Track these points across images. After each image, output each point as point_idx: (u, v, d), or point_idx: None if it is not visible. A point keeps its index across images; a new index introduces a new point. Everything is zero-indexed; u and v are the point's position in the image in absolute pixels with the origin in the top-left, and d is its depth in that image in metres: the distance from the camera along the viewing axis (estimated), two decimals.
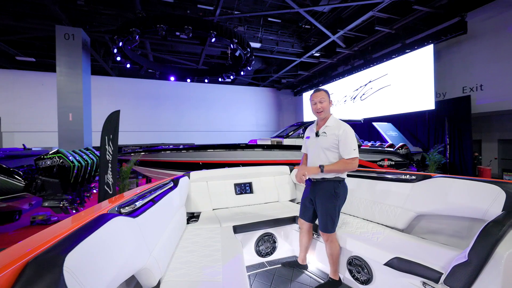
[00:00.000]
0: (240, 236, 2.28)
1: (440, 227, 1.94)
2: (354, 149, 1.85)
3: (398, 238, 1.85)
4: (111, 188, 3.57)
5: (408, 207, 2.05)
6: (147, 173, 5.26)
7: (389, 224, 2.13)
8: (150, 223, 1.40)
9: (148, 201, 1.56)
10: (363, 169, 2.60)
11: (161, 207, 1.66)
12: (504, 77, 7.01)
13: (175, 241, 1.82)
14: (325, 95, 1.97)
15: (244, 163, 4.88)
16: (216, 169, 3.05)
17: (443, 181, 1.91)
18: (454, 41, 7.94)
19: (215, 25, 6.27)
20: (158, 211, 1.57)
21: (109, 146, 3.57)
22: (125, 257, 1.06)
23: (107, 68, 11.23)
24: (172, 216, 1.90)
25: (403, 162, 6.01)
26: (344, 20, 8.17)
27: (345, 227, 2.15)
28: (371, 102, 10.51)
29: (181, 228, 2.07)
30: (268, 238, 2.44)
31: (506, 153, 8.29)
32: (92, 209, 1.29)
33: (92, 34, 8.27)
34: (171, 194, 1.94)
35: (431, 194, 1.94)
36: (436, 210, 1.89)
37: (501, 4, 6.78)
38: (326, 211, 1.93)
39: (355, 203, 2.48)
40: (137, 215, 1.29)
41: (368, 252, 1.78)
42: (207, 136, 14.04)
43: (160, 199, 1.69)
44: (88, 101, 8.27)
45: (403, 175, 2.22)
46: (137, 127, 12.83)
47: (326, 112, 1.98)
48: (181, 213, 2.17)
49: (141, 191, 1.70)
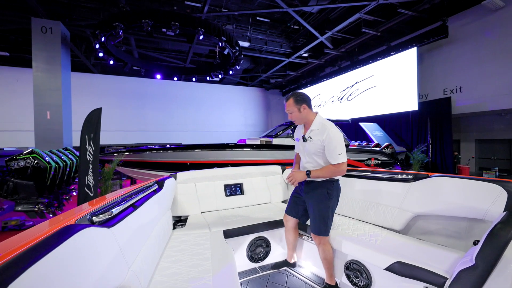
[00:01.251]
0: (231, 241, 2.14)
1: (438, 228, 1.90)
2: (339, 154, 1.76)
3: (397, 240, 1.78)
4: (92, 190, 3.38)
5: (406, 208, 1.99)
6: (131, 174, 5.05)
7: (386, 225, 2.07)
8: (129, 232, 1.24)
9: (128, 207, 1.39)
10: (358, 168, 2.56)
11: (143, 212, 1.50)
12: (482, 80, 7.35)
13: (159, 250, 1.65)
14: (290, 107, 1.91)
15: (233, 163, 4.79)
16: (205, 169, 2.89)
17: (442, 180, 1.85)
18: (436, 44, 8.23)
19: (203, 22, 6.14)
20: (139, 217, 1.41)
21: (90, 146, 3.37)
22: (96, 277, 0.89)
23: (89, 65, 10.75)
24: (156, 222, 1.73)
25: (388, 161, 6.15)
26: (332, 21, 8.27)
27: (341, 228, 2.07)
28: (358, 103, 10.72)
29: (166, 234, 1.90)
30: (261, 242, 2.31)
31: (483, 152, 8.72)
32: (58, 218, 1.09)
33: (72, 28, 7.87)
34: (155, 197, 1.79)
35: (429, 194, 1.88)
36: (435, 210, 1.85)
37: (480, 10, 7.10)
38: (319, 212, 1.87)
39: (349, 204, 2.40)
40: (113, 224, 1.13)
41: (367, 256, 1.71)
42: (195, 135, 13.80)
43: (142, 203, 1.54)
44: (68, 98, 7.87)
45: (399, 174, 2.16)
46: (122, 126, 12.38)
47: (300, 120, 1.93)
48: (167, 218, 2.01)
49: (119, 195, 1.51)
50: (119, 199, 1.41)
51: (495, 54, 7.01)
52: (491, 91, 7.14)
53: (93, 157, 3.38)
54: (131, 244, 1.23)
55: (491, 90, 7.14)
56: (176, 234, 2.06)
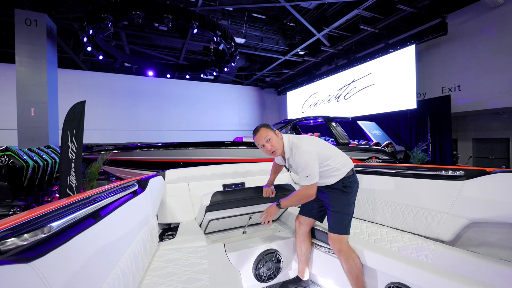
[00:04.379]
0: (234, 256, 1.75)
1: (499, 238, 1.49)
2: (307, 176, 1.57)
3: (453, 256, 1.39)
4: (75, 191, 3.09)
5: (457, 213, 1.59)
6: (119, 173, 4.75)
7: (431, 235, 1.67)
8: (81, 260, 0.78)
9: (84, 218, 0.93)
10: (389, 164, 2.21)
11: (112, 224, 1.06)
12: (480, 78, 7.27)
13: (137, 275, 1.20)
14: (267, 131, 1.70)
15: (229, 161, 4.53)
16: (200, 166, 2.53)
17: (509, 177, 1.44)
18: (434, 42, 8.15)
19: (197, 15, 5.87)
20: (102, 233, 0.96)
21: (72, 143, 3.08)
22: None
23: (78, 61, 10.32)
24: (133, 237, 1.29)
25: (389, 160, 6.00)
26: (329, 18, 8.10)
27: (373, 239, 1.68)
28: (355, 101, 10.59)
29: (149, 251, 1.46)
30: (271, 257, 1.89)
31: (480, 151, 8.67)
32: None
33: (58, 21, 7.49)
34: (134, 201, 1.37)
35: (491, 195, 1.48)
36: (499, 216, 1.44)
37: (479, 7, 7.02)
38: (337, 207, 1.64)
39: (379, 207, 2.00)
40: (43, 252, 0.65)
41: (420, 278, 1.29)
42: (189, 135, 13.46)
43: (112, 211, 1.10)
44: (54, 95, 7.48)
45: (443, 170, 1.74)
46: (113, 125, 11.96)
47: (280, 148, 1.70)
48: (150, 228, 1.56)
49: (74, 199, 1.07)
50: (69, 205, 0.96)
51: (494, 52, 6.94)
52: (490, 90, 7.07)
53: (76, 155, 3.09)
54: (84, 279, 0.77)
55: (490, 89, 7.07)
56: (163, 249, 1.67)
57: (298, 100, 14.27)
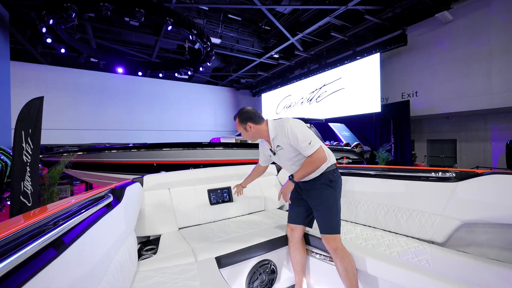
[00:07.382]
0: (227, 271, 1.59)
1: (488, 238, 1.52)
2: (309, 143, 1.55)
3: (452, 259, 1.39)
4: (31, 198, 2.80)
5: (450, 214, 1.60)
6: (85, 177, 4.42)
7: (425, 237, 1.66)
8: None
9: (37, 254, 0.70)
10: (381, 166, 2.17)
11: (82, 252, 0.86)
12: (434, 85, 8.13)
13: None
14: (238, 127, 1.75)
15: (206, 163, 4.48)
16: (182, 170, 2.33)
17: (499, 179, 1.47)
18: (396, 51, 8.91)
19: (172, 12, 5.70)
20: (67, 268, 0.77)
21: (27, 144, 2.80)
22: None
23: (35, 54, 9.36)
24: (110, 261, 1.08)
25: (358, 160, 6.41)
26: (303, 23, 8.42)
27: (372, 244, 1.64)
28: (326, 104, 11.13)
29: (127, 274, 1.21)
30: (265, 268, 1.77)
31: (433, 151, 9.68)
32: None
33: (12, 8, 6.75)
34: (109, 217, 1.16)
35: (482, 196, 1.51)
36: (491, 217, 1.47)
37: (433, 22, 7.84)
38: (325, 207, 1.63)
39: (371, 210, 1.96)
40: None
41: (426, 287, 1.26)
42: (162, 135, 12.95)
43: (79, 236, 0.87)
44: (5, 90, 6.71)
45: (433, 172, 1.75)
46: (77, 124, 11.04)
47: (252, 137, 1.75)
48: (129, 246, 1.33)
49: (21, 226, 0.76)
50: (21, 232, 0.72)
51: (445, 62, 7.81)
52: (442, 96, 7.93)
53: (32, 157, 2.82)
54: None
55: (441, 95, 7.93)
56: (143, 270, 1.38)
57: (273, 101, 14.56)
